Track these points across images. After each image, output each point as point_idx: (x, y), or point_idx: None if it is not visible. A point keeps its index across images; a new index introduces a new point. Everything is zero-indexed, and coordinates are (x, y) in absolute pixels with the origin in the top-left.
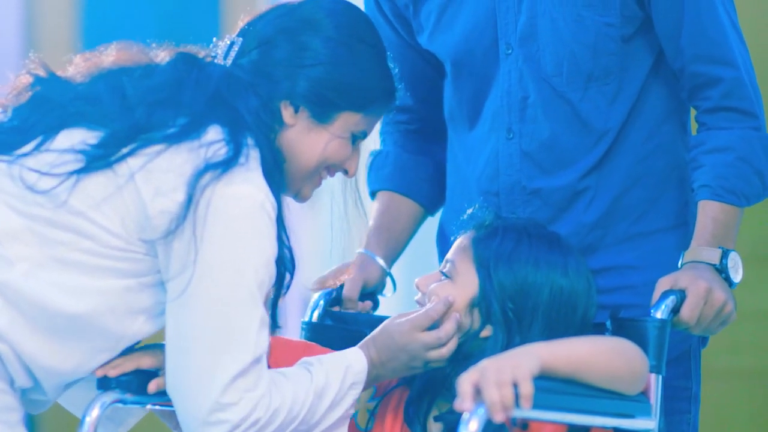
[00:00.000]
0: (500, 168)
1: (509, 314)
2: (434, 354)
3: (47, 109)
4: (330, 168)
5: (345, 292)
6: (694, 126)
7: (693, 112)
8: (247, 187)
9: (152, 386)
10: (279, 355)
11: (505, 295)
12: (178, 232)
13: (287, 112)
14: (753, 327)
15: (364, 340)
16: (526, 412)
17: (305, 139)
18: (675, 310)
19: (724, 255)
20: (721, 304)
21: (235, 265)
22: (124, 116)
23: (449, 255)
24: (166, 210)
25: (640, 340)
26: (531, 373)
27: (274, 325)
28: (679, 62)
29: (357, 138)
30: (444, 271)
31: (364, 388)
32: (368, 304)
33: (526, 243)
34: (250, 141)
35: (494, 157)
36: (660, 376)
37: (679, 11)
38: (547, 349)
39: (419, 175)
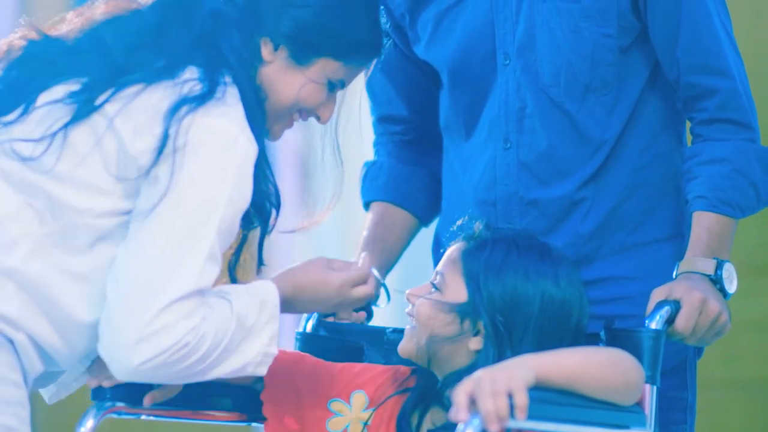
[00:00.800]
0: (498, 178)
1: (499, 327)
2: (358, 305)
3: (36, 69)
4: (302, 111)
5: None
6: (689, 138)
7: (688, 124)
8: (222, 121)
9: (148, 399)
10: (272, 366)
11: (495, 308)
12: (159, 163)
13: (266, 49)
14: (748, 337)
15: (281, 273)
16: (521, 422)
17: (281, 77)
18: (670, 321)
19: (719, 266)
20: (716, 315)
21: (200, 194)
22: (105, 62)
23: (439, 267)
24: (148, 148)
25: (635, 351)
26: (526, 384)
27: (260, 262)
28: (674, 72)
29: (334, 86)
30: (434, 282)
31: None
32: (362, 314)
33: (516, 254)
34: (227, 79)
35: (491, 167)
36: (655, 387)
37: (675, 21)
38: (542, 360)
39: (414, 186)
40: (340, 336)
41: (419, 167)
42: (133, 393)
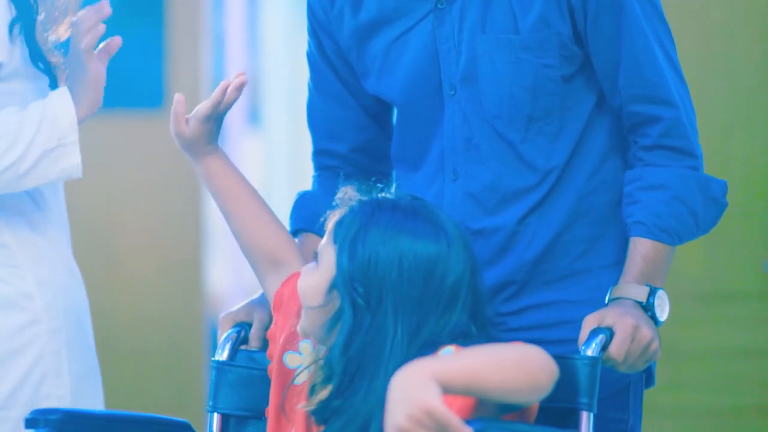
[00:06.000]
0: (444, 209)
1: (356, 297)
2: None
3: None
4: None
5: (253, 331)
6: None
7: None
8: None
9: None
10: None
11: (354, 277)
12: None
13: None
14: (695, 365)
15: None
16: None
17: None
18: (603, 347)
19: (651, 293)
20: (648, 342)
21: None
22: None
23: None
24: None
25: (571, 378)
26: (437, 396)
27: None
28: (617, 101)
29: None
30: (316, 256)
31: None
32: None
33: (377, 216)
34: None
35: (439, 198)
36: (592, 414)
37: (615, 52)
38: (440, 366)
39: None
40: (256, 365)
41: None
42: (69, 420)
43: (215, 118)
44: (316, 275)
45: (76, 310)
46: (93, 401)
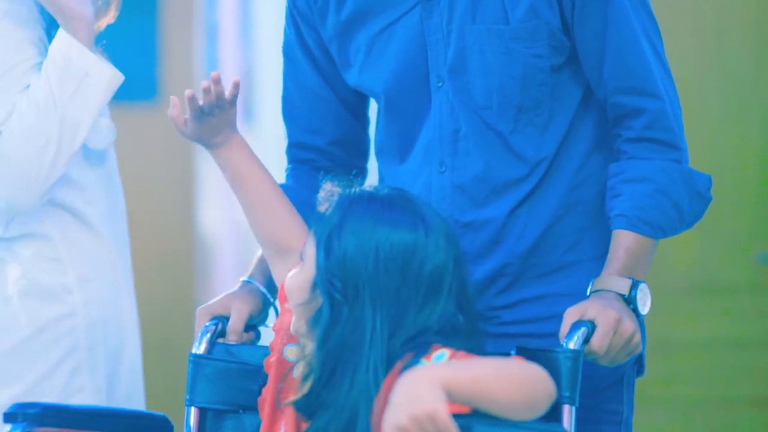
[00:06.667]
0: (433, 201)
1: (334, 293)
2: None
3: None
4: None
5: (230, 324)
6: None
7: None
8: None
9: None
10: None
11: (331, 273)
12: None
13: None
14: (687, 357)
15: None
16: None
17: None
18: (585, 340)
19: (634, 286)
20: (630, 335)
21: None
22: None
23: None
24: None
25: (553, 372)
26: (443, 402)
27: None
28: (602, 92)
29: None
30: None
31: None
32: (251, 335)
33: (353, 210)
34: None
35: (427, 191)
36: (573, 408)
37: (600, 43)
38: (449, 374)
39: (314, 211)
40: (234, 358)
41: None
42: (48, 414)
43: (211, 114)
44: (300, 273)
45: (116, 308)
46: (128, 397)
